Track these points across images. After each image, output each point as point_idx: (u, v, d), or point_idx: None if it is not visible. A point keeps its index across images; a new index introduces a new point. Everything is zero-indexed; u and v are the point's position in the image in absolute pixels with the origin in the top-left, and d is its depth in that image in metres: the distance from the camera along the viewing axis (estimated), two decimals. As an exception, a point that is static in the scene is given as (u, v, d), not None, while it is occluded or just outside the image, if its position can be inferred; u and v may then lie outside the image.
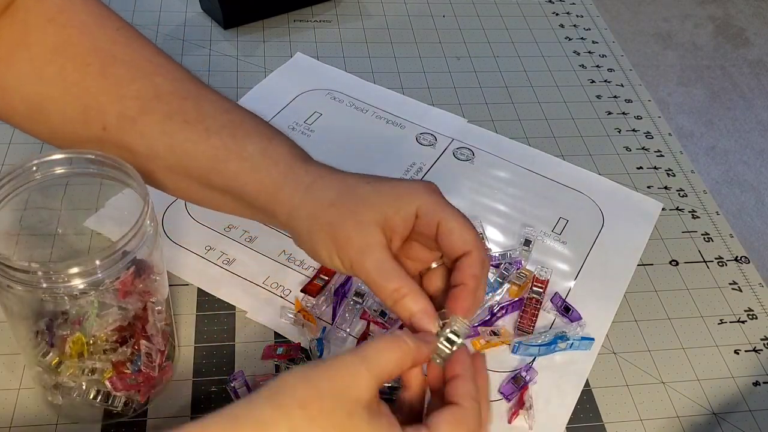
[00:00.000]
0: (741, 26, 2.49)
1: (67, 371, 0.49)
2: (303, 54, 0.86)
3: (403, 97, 0.82)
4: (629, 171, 0.76)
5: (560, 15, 0.98)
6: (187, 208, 0.66)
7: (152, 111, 0.46)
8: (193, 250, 0.63)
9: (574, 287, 0.64)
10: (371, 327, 0.59)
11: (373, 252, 0.43)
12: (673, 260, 0.68)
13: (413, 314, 0.42)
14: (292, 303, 0.60)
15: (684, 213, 0.73)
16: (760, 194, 1.92)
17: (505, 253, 0.65)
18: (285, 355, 0.57)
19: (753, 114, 2.16)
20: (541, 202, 0.71)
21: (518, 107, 0.83)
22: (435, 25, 0.94)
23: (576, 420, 0.55)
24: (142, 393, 0.51)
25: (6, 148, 0.70)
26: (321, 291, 0.60)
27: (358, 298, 0.60)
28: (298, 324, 0.58)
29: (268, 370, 0.56)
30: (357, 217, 0.43)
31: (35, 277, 0.42)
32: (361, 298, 0.60)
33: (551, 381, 0.57)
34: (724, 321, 0.64)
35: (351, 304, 0.60)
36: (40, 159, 0.46)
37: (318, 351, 0.57)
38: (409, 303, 0.42)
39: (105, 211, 0.64)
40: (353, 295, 0.60)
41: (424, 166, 0.73)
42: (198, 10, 0.91)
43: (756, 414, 0.57)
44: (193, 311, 0.59)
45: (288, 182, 0.46)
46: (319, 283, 0.60)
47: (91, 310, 0.47)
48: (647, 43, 2.38)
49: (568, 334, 0.59)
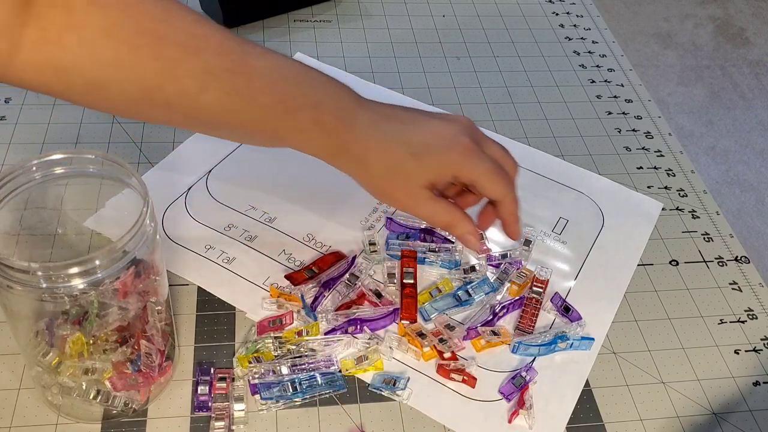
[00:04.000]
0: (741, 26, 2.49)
1: (67, 371, 0.49)
2: (303, 54, 0.86)
3: (403, 97, 0.82)
4: (629, 171, 0.76)
5: (560, 15, 0.98)
6: (187, 208, 0.66)
7: (210, 89, 0.49)
8: (193, 249, 0.63)
9: (574, 287, 0.64)
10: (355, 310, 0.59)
11: (425, 207, 0.55)
12: (673, 260, 0.68)
13: (462, 235, 0.56)
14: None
15: (684, 213, 0.73)
16: (760, 194, 1.92)
17: (505, 253, 0.65)
18: (280, 326, 0.57)
19: (753, 114, 2.16)
20: (541, 202, 0.71)
21: (518, 107, 0.83)
22: (435, 25, 0.94)
23: (576, 420, 0.55)
24: (142, 393, 0.52)
25: (6, 148, 0.70)
26: (306, 282, 0.60)
27: (352, 279, 0.61)
28: (282, 309, 0.59)
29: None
30: (406, 187, 0.55)
31: (35, 277, 0.42)
32: (356, 279, 0.61)
33: (551, 381, 0.57)
34: (724, 321, 0.64)
35: (343, 287, 0.60)
36: (40, 159, 0.46)
37: (312, 318, 0.58)
38: (458, 229, 0.56)
39: (105, 211, 0.64)
40: (347, 279, 0.61)
41: (424, 166, 0.73)
42: (198, 10, 0.91)
43: (756, 414, 0.57)
44: (193, 311, 0.59)
45: (342, 155, 0.54)
46: (307, 275, 0.60)
47: (91, 310, 0.47)
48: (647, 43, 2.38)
49: (568, 334, 0.59)
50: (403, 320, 0.59)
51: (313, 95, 0.52)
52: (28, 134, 0.72)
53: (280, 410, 0.54)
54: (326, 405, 0.54)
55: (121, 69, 0.47)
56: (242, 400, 0.53)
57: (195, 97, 0.49)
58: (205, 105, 0.49)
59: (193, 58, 0.49)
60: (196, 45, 0.49)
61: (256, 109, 0.51)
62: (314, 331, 0.57)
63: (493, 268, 0.64)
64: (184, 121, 0.53)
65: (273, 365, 0.54)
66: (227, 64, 0.50)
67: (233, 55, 0.50)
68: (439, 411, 0.54)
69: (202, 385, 0.54)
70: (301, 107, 0.52)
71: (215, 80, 0.49)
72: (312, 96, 0.52)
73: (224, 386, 0.54)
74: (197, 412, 0.53)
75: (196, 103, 0.49)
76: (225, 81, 0.49)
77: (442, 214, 0.56)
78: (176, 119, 0.52)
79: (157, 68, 0.48)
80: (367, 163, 0.54)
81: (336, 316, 0.58)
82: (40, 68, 0.46)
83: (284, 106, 0.51)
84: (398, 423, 0.54)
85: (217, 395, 0.53)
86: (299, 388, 0.54)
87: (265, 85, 0.51)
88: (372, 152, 0.54)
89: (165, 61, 0.48)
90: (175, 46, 0.48)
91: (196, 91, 0.49)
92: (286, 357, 0.55)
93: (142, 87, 0.48)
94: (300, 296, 0.59)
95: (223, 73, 0.49)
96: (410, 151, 0.54)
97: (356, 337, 0.58)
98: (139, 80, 0.48)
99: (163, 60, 0.48)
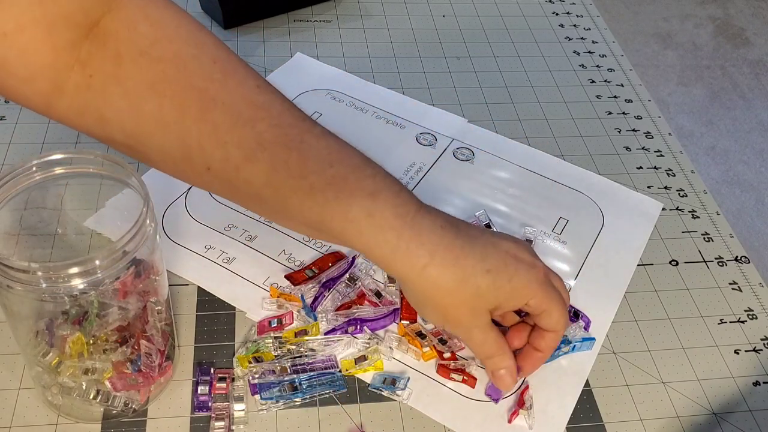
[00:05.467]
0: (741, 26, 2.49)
1: (67, 371, 0.49)
2: (303, 54, 0.86)
3: (403, 97, 0.82)
4: (629, 171, 0.76)
5: (560, 15, 0.98)
6: (187, 208, 0.66)
7: (256, 160, 0.45)
8: (193, 249, 0.63)
9: (574, 287, 0.64)
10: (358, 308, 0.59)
11: (479, 332, 0.50)
12: (673, 260, 0.68)
13: (499, 370, 0.52)
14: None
15: (684, 213, 0.73)
16: (760, 194, 1.92)
17: None
18: (280, 326, 0.57)
19: (753, 114, 2.16)
20: (541, 202, 0.71)
21: (518, 107, 0.83)
22: (435, 25, 0.94)
23: (576, 420, 0.55)
24: (142, 393, 0.52)
25: (6, 148, 0.70)
26: (306, 282, 0.60)
27: (351, 282, 0.61)
28: (282, 309, 0.59)
29: (268, 370, 0.56)
30: (471, 306, 0.48)
31: (35, 277, 0.42)
32: (354, 282, 0.61)
33: (551, 381, 0.57)
34: (724, 321, 0.64)
35: (343, 287, 0.60)
36: (40, 159, 0.46)
37: (312, 318, 0.58)
38: (499, 363, 0.51)
39: (105, 211, 0.64)
40: (346, 280, 0.61)
41: (424, 166, 0.73)
42: (198, 10, 0.91)
43: (756, 414, 0.57)
44: (193, 311, 0.59)
45: (398, 258, 0.46)
46: (307, 275, 0.60)
47: (91, 310, 0.47)
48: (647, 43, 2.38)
49: (569, 336, 0.59)
50: (403, 320, 0.59)
51: (370, 185, 0.47)
52: (28, 134, 0.72)
53: (280, 410, 0.54)
54: (326, 405, 0.54)
55: (162, 124, 0.45)
56: (242, 400, 0.53)
57: (238, 165, 0.46)
58: (248, 176, 0.46)
59: (243, 126, 0.45)
60: (251, 114, 0.46)
61: (304, 189, 0.46)
62: (314, 331, 0.57)
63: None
64: (223, 189, 0.49)
65: (273, 365, 0.54)
66: (281, 138, 0.46)
67: (290, 129, 0.46)
68: (439, 411, 0.54)
69: (202, 385, 0.54)
70: (354, 195, 0.46)
71: (264, 152, 0.45)
72: (369, 185, 0.46)
73: (224, 386, 0.54)
74: (197, 412, 0.53)
75: (238, 172, 0.46)
76: (275, 154, 0.45)
77: (492, 345, 0.51)
78: (215, 186, 0.49)
79: (200, 130, 0.45)
80: (428, 271, 0.47)
81: (336, 316, 0.58)
82: (82, 113, 0.45)
83: (335, 190, 0.46)
84: (398, 423, 0.54)
85: (217, 395, 0.53)
86: (299, 388, 0.54)
87: (318, 165, 0.46)
88: (438, 260, 0.46)
89: (210, 125, 0.45)
90: (226, 111, 0.45)
91: (239, 160, 0.45)
92: (286, 357, 0.55)
93: (183, 146, 0.45)
94: (300, 296, 0.59)
95: (274, 147, 0.46)
96: (485, 267, 0.47)
97: (356, 337, 0.58)
98: (180, 139, 0.45)
99: (208, 123, 0.45)
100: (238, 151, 0.45)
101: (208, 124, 0.45)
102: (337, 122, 0.77)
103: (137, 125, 0.45)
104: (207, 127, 0.45)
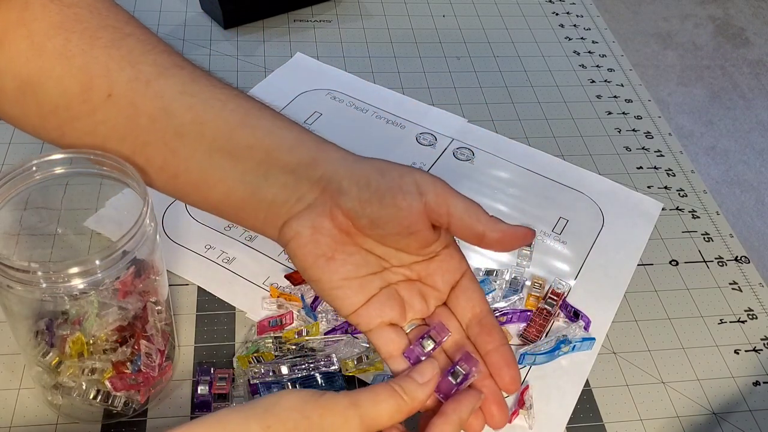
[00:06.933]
0: (741, 26, 2.49)
1: (67, 371, 0.49)
2: (303, 54, 0.86)
3: (403, 97, 0.82)
4: (629, 171, 0.76)
5: (560, 15, 0.98)
6: (187, 208, 0.66)
7: (172, 76, 0.44)
8: (193, 249, 0.63)
9: (574, 287, 0.64)
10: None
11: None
12: (673, 260, 0.68)
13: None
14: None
15: (684, 213, 0.73)
16: (760, 194, 1.91)
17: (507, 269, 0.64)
18: (280, 326, 0.57)
19: (753, 114, 2.16)
20: (541, 202, 0.71)
21: (518, 107, 0.83)
22: (435, 25, 0.94)
23: (576, 420, 0.55)
24: (142, 393, 0.51)
25: (6, 148, 0.70)
26: (306, 282, 0.60)
27: None
28: (282, 309, 0.59)
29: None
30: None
31: (35, 277, 0.42)
32: None
33: (551, 381, 0.57)
34: (724, 321, 0.64)
35: None
36: (40, 159, 0.46)
37: (312, 318, 0.58)
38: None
39: (105, 211, 0.64)
40: None
41: (424, 166, 0.73)
42: (198, 10, 0.91)
43: (756, 414, 0.57)
44: (193, 311, 0.59)
45: (328, 147, 0.45)
46: None
47: (91, 310, 0.47)
48: (647, 43, 2.38)
49: (569, 336, 0.59)
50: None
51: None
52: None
53: (280, 410, 0.53)
54: (326, 405, 0.54)
55: (65, 57, 0.43)
56: (242, 400, 0.53)
57: (149, 80, 0.43)
58: (161, 88, 0.44)
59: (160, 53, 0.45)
60: (166, 47, 0.46)
61: (226, 94, 0.46)
62: (314, 331, 0.57)
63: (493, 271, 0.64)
64: (118, 119, 0.45)
65: (273, 365, 0.54)
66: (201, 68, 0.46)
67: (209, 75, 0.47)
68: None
69: (202, 385, 0.54)
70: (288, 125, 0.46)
71: (182, 70, 0.45)
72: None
73: (224, 386, 0.54)
74: (197, 412, 0.53)
75: (148, 86, 0.44)
76: (194, 71, 0.46)
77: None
78: (110, 119, 0.45)
79: (110, 55, 0.43)
80: (352, 165, 0.45)
81: (336, 316, 0.58)
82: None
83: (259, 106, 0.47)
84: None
85: (217, 395, 0.53)
86: (299, 389, 0.54)
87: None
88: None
89: (124, 50, 0.44)
90: (141, 42, 0.45)
91: (152, 76, 0.43)
92: (286, 357, 0.55)
93: (84, 75, 0.43)
94: (300, 296, 0.59)
95: (193, 66, 0.46)
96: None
97: (356, 337, 0.58)
98: (83, 69, 0.43)
99: (122, 48, 0.44)
100: (152, 68, 0.44)
101: (120, 50, 0.43)
102: (337, 122, 0.77)
103: (36, 65, 0.43)
104: (119, 52, 0.43)
